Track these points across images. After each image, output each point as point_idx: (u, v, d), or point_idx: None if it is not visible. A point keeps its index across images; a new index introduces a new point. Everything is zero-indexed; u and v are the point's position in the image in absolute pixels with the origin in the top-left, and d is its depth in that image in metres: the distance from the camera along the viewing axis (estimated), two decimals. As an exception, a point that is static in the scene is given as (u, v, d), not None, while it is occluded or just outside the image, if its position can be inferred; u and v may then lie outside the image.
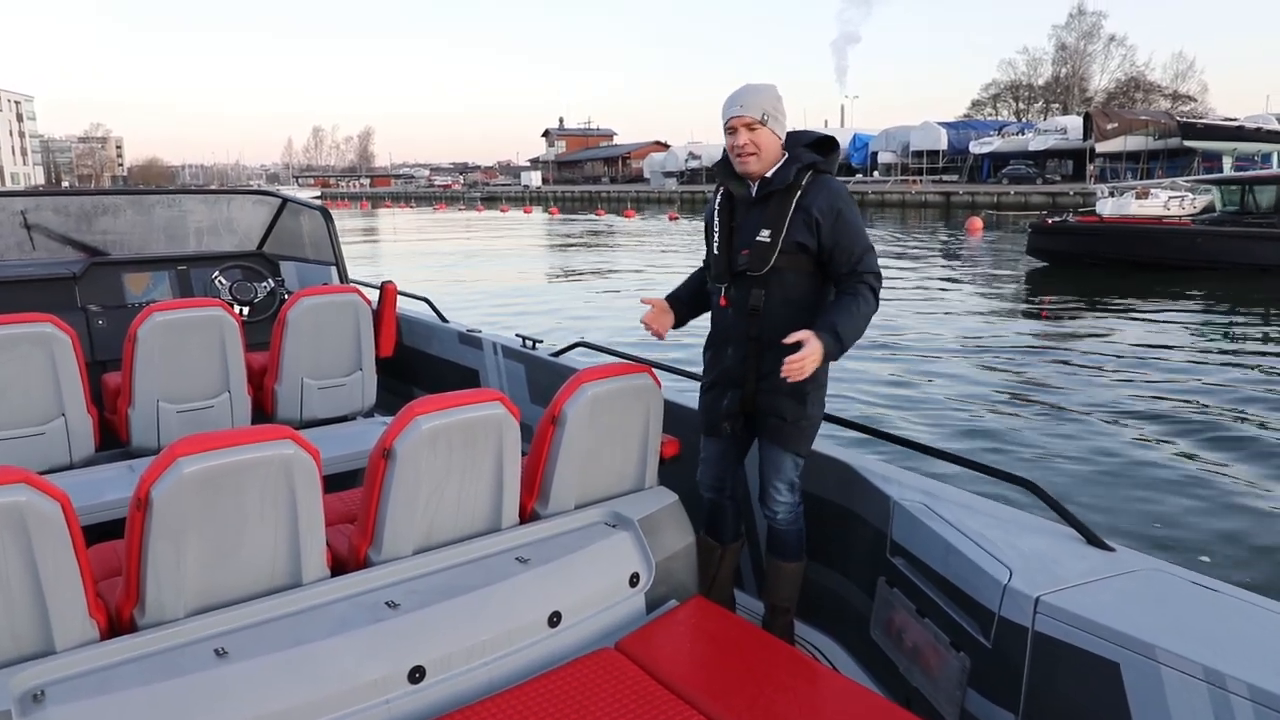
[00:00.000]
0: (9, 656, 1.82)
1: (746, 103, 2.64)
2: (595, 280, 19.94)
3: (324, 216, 5.40)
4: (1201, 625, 1.88)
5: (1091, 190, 41.22)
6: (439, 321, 5.44)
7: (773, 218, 2.64)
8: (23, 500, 1.77)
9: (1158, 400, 8.88)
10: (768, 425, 2.76)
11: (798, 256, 2.63)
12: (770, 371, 2.63)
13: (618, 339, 10.73)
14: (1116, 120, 50.83)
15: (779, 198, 2.65)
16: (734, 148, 2.68)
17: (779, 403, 2.70)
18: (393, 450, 2.22)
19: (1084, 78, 79.99)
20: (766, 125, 2.65)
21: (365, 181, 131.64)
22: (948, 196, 50.25)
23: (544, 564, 2.37)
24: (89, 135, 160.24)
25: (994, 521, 2.42)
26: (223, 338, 3.80)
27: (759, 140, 2.65)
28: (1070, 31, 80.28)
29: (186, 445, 1.94)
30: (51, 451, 3.51)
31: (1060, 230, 19.41)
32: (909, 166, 63.49)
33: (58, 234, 5.14)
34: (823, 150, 2.72)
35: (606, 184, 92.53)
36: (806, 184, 2.64)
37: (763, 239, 2.64)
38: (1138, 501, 6.26)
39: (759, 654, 2.32)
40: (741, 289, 2.70)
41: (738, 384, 2.76)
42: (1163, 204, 31.50)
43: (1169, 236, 18.20)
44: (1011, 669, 2.10)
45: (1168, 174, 43.01)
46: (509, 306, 15.51)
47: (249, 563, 2.08)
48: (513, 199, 79.78)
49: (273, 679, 1.89)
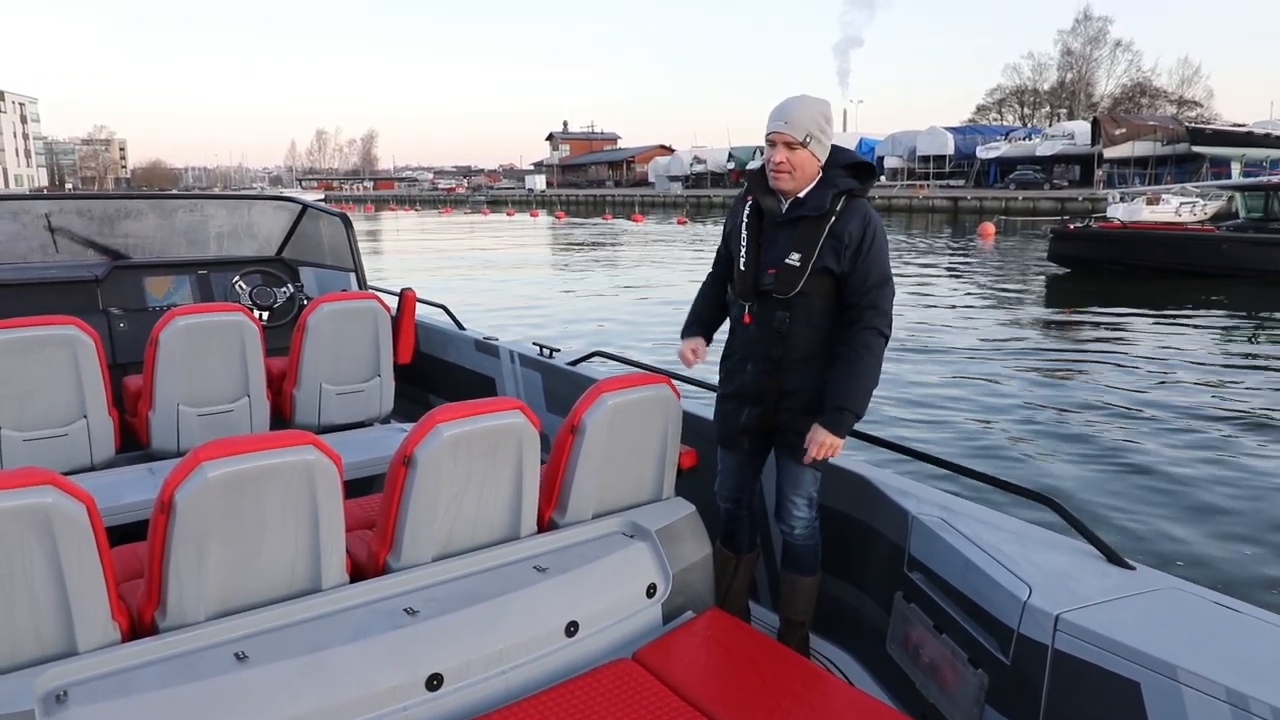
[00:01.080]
0: (33, 656, 1.84)
1: (792, 120, 2.57)
2: (613, 286, 19.82)
3: (344, 223, 5.39)
4: (1224, 646, 1.85)
5: (1101, 196, 41.28)
6: (456, 329, 5.43)
7: (803, 241, 2.59)
8: (49, 502, 1.78)
9: (1182, 413, 8.71)
10: (787, 441, 2.73)
11: (823, 280, 2.60)
12: (790, 391, 2.66)
13: (634, 345, 10.64)
14: (1125, 126, 50.95)
15: (812, 222, 2.59)
16: (770, 162, 2.62)
17: (798, 421, 2.67)
18: (413, 457, 2.23)
19: (1090, 83, 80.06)
20: (807, 146, 2.57)
21: (369, 184, 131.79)
22: (955, 202, 50.24)
23: (562, 573, 2.38)
24: (92, 137, 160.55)
25: (1013, 538, 2.40)
26: (243, 342, 3.80)
27: (796, 160, 2.58)
28: (1076, 37, 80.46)
29: (210, 449, 1.95)
30: (73, 453, 3.53)
31: (1082, 236, 19.29)
32: (915, 171, 63.56)
33: (81, 237, 5.14)
34: (860, 175, 2.66)
35: (611, 188, 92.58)
36: (840, 209, 2.59)
37: (792, 262, 2.59)
38: (1159, 519, 6.12)
39: (776, 667, 2.32)
40: (766, 309, 2.66)
41: (756, 401, 2.73)
42: (1174, 210, 31.52)
43: (1193, 243, 18.05)
44: (1030, 687, 2.08)
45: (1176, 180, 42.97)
46: (526, 314, 15.41)
47: (269, 567, 2.09)
48: (518, 203, 79.72)
49: (292, 684, 1.90)
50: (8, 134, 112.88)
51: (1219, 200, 33.28)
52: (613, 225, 46.31)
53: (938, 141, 63.93)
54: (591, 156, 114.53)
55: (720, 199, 63.55)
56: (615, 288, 19.52)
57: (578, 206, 72.13)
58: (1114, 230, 19.72)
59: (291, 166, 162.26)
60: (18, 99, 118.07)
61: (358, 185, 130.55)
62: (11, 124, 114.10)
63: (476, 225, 49.91)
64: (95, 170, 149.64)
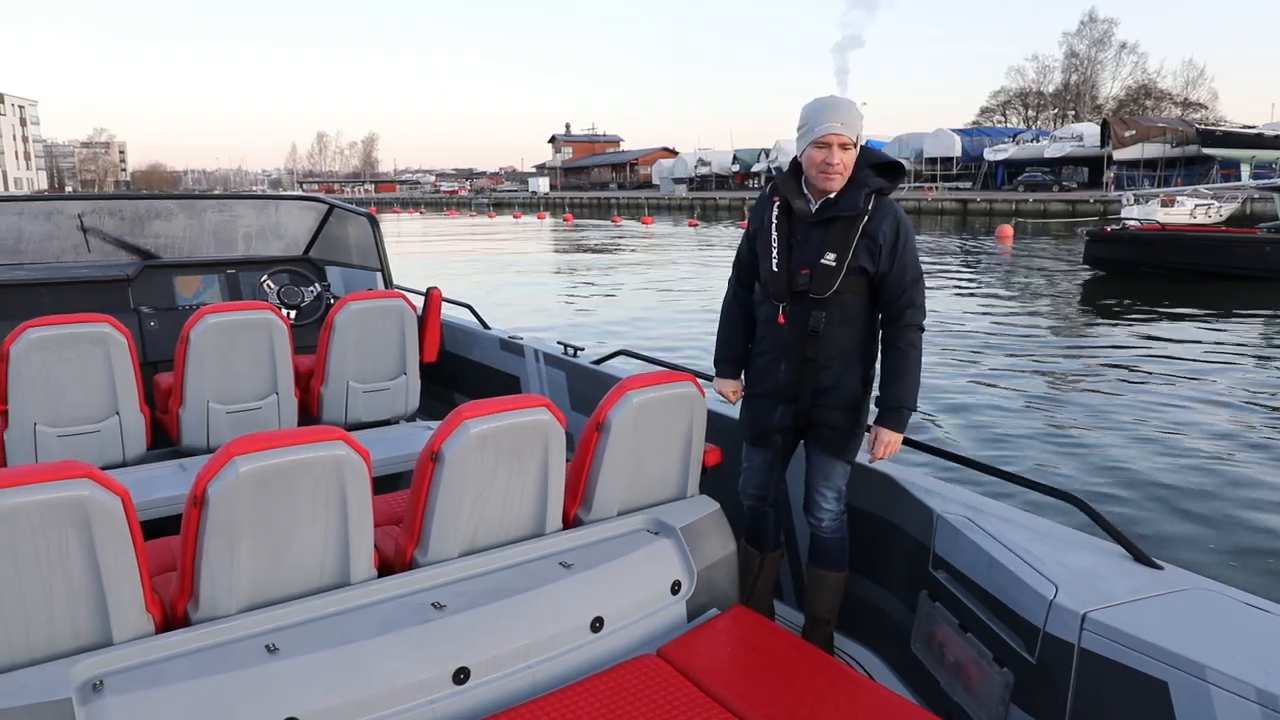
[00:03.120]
0: (70, 646, 1.87)
1: (847, 120, 2.59)
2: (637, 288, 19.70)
3: (370, 223, 5.42)
4: (1253, 646, 1.84)
5: (1113, 198, 41.20)
6: (481, 328, 5.48)
7: (837, 241, 2.62)
8: (86, 494, 1.80)
9: (1218, 416, 8.59)
10: (822, 436, 2.77)
11: (858, 279, 2.63)
12: (826, 388, 2.70)
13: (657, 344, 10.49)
14: (1134, 128, 50.88)
15: (845, 222, 2.62)
16: (824, 163, 2.60)
17: (835, 415, 2.72)
18: (441, 454, 2.25)
19: (1095, 85, 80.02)
20: (857, 147, 2.63)
21: (369, 187, 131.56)
22: (965, 204, 50.16)
23: (587, 569, 2.39)
24: (92, 140, 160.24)
25: (1039, 537, 2.40)
26: (272, 340, 3.84)
27: (849, 161, 2.61)
28: (1081, 39, 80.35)
29: (242, 444, 1.97)
30: (106, 449, 3.58)
31: (1120, 239, 19.09)
32: (923, 173, 63.38)
33: (112, 237, 5.21)
34: (889, 174, 2.70)
35: (615, 190, 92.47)
36: (872, 209, 2.63)
37: (827, 262, 2.62)
38: (1189, 521, 6.04)
39: (800, 664, 2.33)
40: (800, 309, 2.68)
41: (790, 399, 2.76)
42: (1189, 211, 31.37)
43: (1234, 245, 17.81)
44: (1056, 686, 2.07)
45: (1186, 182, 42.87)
46: (552, 315, 15.33)
47: (299, 561, 2.12)
48: (525, 205, 79.50)
49: (321, 676, 1.92)
50: (7, 137, 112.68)
51: (1234, 202, 33.18)
52: (623, 227, 46.14)
53: (945, 143, 63.81)
54: (595, 159, 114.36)
55: (727, 201, 63.42)
56: (640, 289, 19.40)
57: (584, 209, 71.91)
58: (1153, 232, 19.52)
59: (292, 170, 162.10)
60: (17, 101, 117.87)
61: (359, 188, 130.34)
62: (11, 127, 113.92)
63: (486, 228, 49.74)
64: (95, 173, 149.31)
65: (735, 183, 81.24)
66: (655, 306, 16.37)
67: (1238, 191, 33.70)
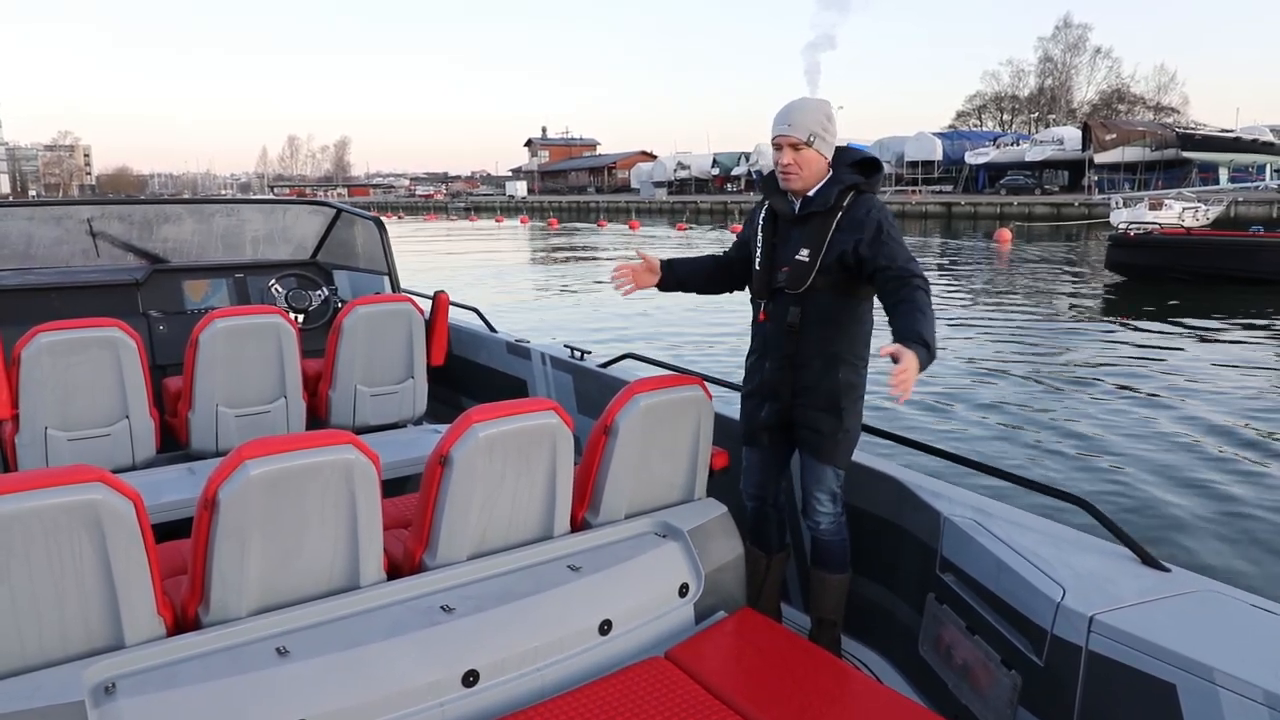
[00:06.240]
0: (82, 649, 1.88)
1: (795, 121, 2.66)
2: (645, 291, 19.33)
3: (378, 227, 5.42)
4: (1262, 648, 1.83)
5: (1096, 201, 41.54)
6: (488, 331, 5.49)
7: (812, 237, 2.68)
8: (98, 498, 1.81)
9: (1233, 421, 8.44)
10: (805, 439, 2.80)
11: (835, 276, 2.65)
12: (805, 387, 2.73)
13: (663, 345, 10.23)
14: (1115, 131, 51.35)
15: (820, 218, 2.68)
16: (778, 164, 2.71)
17: (815, 417, 2.74)
18: (449, 457, 2.26)
19: (1069, 89, 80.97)
20: (812, 146, 2.67)
21: (342, 191, 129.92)
22: (949, 207, 50.40)
23: (595, 572, 2.40)
24: (56, 144, 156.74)
25: (1046, 539, 2.40)
26: (280, 344, 3.86)
27: (803, 160, 2.68)
28: (1056, 43, 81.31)
29: (253, 448, 1.98)
30: (116, 452, 3.59)
31: (1144, 244, 18.98)
32: (904, 177, 63.67)
33: (121, 241, 5.19)
34: (866, 171, 2.74)
35: (593, 194, 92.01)
36: (848, 204, 2.67)
37: (801, 258, 2.68)
38: (1198, 524, 5.95)
39: (808, 666, 2.34)
40: (780, 306, 2.75)
41: (774, 397, 2.81)
42: (1177, 214, 31.66)
43: (1260, 250, 17.76)
44: (1064, 689, 2.07)
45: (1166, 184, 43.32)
46: (554, 318, 15.08)
47: (309, 564, 2.13)
48: (505, 209, 78.75)
49: (331, 679, 1.93)
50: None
51: (1220, 205, 33.61)
52: (609, 231, 45.75)
53: (926, 147, 64.15)
54: (572, 162, 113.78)
55: (708, 205, 63.25)
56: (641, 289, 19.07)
57: (566, 213, 71.33)
58: (1177, 237, 19.47)
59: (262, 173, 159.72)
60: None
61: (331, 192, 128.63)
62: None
63: (469, 232, 49.02)
64: (59, 177, 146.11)
65: (715, 186, 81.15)
66: (655, 306, 16.07)
67: (1222, 195, 34.13)
